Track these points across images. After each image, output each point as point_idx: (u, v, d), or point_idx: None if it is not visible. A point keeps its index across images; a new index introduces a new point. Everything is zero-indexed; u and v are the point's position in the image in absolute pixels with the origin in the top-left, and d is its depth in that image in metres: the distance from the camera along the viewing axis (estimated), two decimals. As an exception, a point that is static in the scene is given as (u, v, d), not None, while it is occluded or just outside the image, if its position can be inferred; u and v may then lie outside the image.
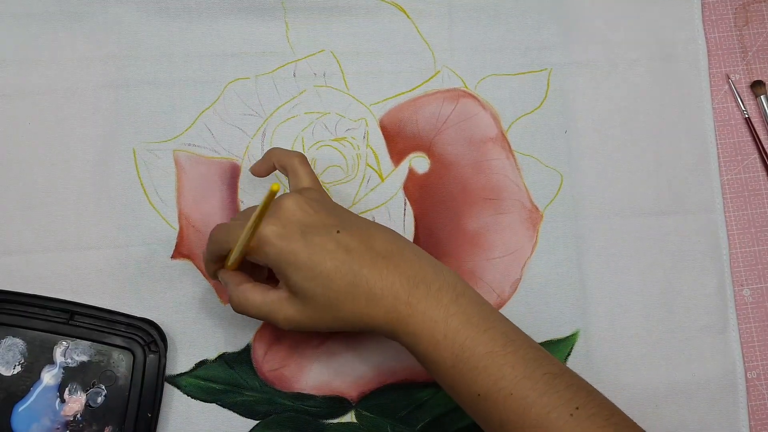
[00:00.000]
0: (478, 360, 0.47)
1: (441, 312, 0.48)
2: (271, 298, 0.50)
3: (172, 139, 0.60)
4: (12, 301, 0.55)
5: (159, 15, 0.61)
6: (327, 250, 0.48)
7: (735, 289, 0.61)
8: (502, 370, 0.47)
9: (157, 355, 0.55)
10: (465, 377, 0.47)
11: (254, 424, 0.57)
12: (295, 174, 0.54)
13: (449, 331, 0.47)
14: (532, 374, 0.47)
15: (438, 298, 0.48)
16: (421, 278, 0.49)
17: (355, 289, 0.48)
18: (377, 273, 0.48)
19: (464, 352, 0.47)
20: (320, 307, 0.49)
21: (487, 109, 0.62)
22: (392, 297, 0.48)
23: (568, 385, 0.47)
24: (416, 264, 0.49)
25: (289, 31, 0.62)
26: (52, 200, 0.58)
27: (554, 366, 0.48)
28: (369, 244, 0.49)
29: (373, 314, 0.48)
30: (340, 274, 0.48)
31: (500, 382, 0.46)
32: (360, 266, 0.48)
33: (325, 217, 0.50)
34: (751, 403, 0.60)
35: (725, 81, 0.64)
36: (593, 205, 0.61)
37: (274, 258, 0.49)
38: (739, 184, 0.63)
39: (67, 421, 0.55)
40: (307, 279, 0.48)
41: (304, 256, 0.48)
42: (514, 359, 0.47)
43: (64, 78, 0.60)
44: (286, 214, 0.49)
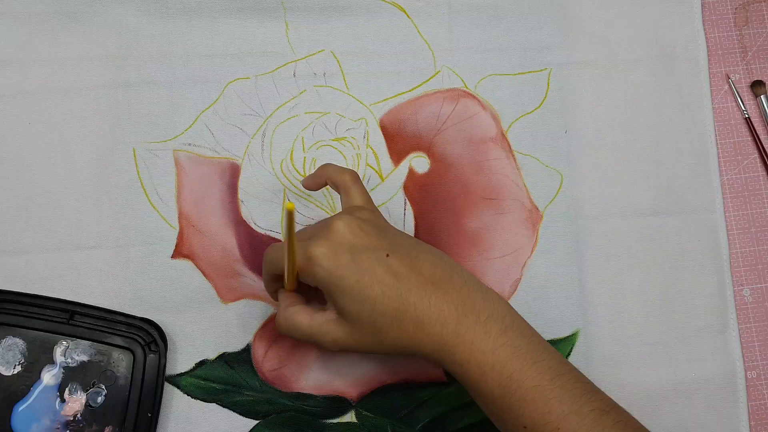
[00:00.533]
0: (525, 392, 0.46)
1: (489, 343, 0.47)
2: (318, 321, 0.50)
3: (172, 139, 0.60)
4: (12, 301, 0.55)
5: (159, 15, 0.61)
6: (375, 274, 0.48)
7: (735, 289, 0.61)
8: (549, 404, 0.46)
9: (157, 355, 0.55)
10: (512, 409, 0.47)
11: (254, 424, 0.57)
12: (347, 192, 0.53)
13: (497, 363, 0.47)
14: (579, 410, 0.46)
15: (486, 329, 0.48)
16: (470, 307, 0.48)
17: (402, 315, 0.48)
18: (425, 300, 0.48)
19: (512, 383, 0.47)
20: (366, 331, 0.48)
21: (487, 109, 0.62)
22: (440, 325, 0.48)
23: (615, 422, 0.46)
24: (465, 291, 0.49)
25: (289, 31, 0.62)
26: (52, 200, 0.58)
27: (602, 402, 0.48)
28: (418, 269, 0.49)
29: (420, 341, 0.48)
30: (388, 299, 0.48)
31: (547, 416, 0.46)
32: (408, 292, 0.48)
33: (375, 239, 0.49)
34: (751, 403, 0.60)
35: (725, 81, 0.64)
36: (593, 205, 0.61)
37: (322, 279, 0.48)
38: (739, 184, 0.63)
39: (67, 420, 0.55)
40: (354, 302, 0.48)
41: (352, 280, 0.48)
42: (562, 393, 0.47)
43: (64, 78, 0.60)
44: (336, 236, 0.49)
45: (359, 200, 0.53)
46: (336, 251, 0.48)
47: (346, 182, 0.53)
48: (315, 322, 0.50)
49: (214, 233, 0.59)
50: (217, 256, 0.59)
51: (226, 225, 0.59)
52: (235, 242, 0.59)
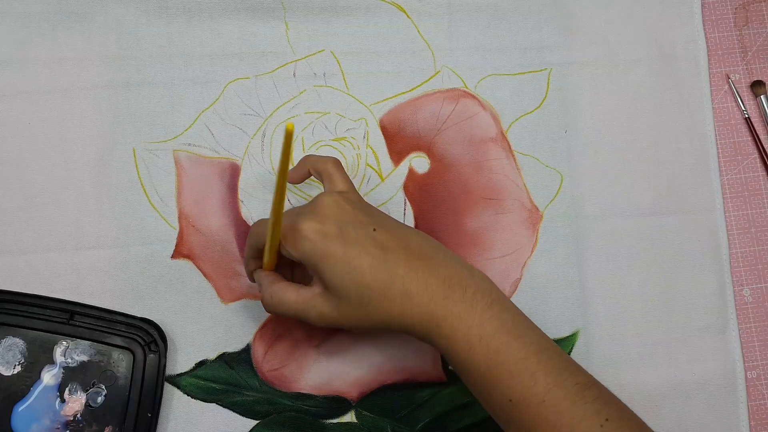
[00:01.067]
0: (512, 365, 0.47)
1: (476, 317, 0.48)
2: (304, 296, 0.50)
3: (172, 139, 0.60)
4: (12, 301, 0.55)
5: (159, 15, 0.61)
6: (363, 246, 0.48)
7: (735, 289, 0.61)
8: (534, 377, 0.46)
9: (157, 355, 0.55)
10: (498, 382, 0.47)
11: (254, 424, 0.57)
12: (330, 179, 0.53)
13: (484, 336, 0.47)
14: (563, 383, 0.47)
15: (473, 302, 0.48)
16: (457, 281, 0.48)
17: (389, 288, 0.48)
18: (413, 273, 0.48)
19: (498, 356, 0.47)
20: (354, 304, 0.48)
21: (487, 109, 0.62)
22: (427, 298, 0.48)
23: (597, 396, 0.47)
24: (451, 266, 0.49)
25: (289, 31, 0.62)
26: (52, 200, 0.58)
27: (584, 376, 0.48)
28: (405, 243, 0.49)
29: (407, 314, 0.48)
30: (376, 271, 0.48)
31: (533, 389, 0.46)
32: (395, 265, 0.48)
33: (362, 215, 0.50)
34: (751, 403, 0.60)
35: (725, 81, 0.64)
36: (593, 205, 0.61)
37: (309, 253, 0.48)
38: (739, 184, 0.63)
39: (67, 421, 0.55)
40: (341, 275, 0.48)
41: (340, 253, 0.48)
42: (546, 367, 0.47)
43: (64, 78, 0.60)
44: (324, 210, 0.49)
45: (342, 186, 0.53)
46: (323, 224, 0.49)
47: (329, 169, 0.54)
48: (301, 298, 0.50)
49: (214, 233, 0.59)
50: (217, 256, 0.59)
51: (226, 225, 0.59)
52: (235, 242, 0.59)
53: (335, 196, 0.50)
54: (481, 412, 0.57)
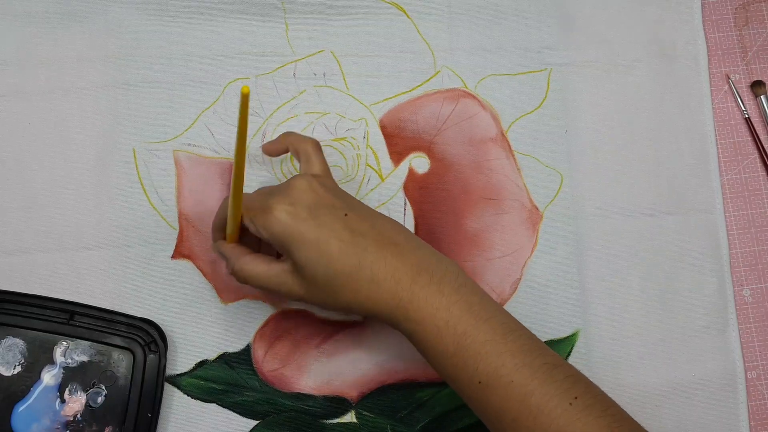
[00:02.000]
0: (480, 347, 0.47)
1: (443, 300, 0.48)
2: (275, 270, 0.50)
3: (172, 139, 0.60)
4: (12, 301, 0.55)
5: (159, 15, 0.61)
6: (333, 230, 0.49)
7: (735, 289, 0.61)
8: (502, 358, 0.47)
9: (157, 355, 0.55)
10: (466, 365, 0.47)
11: (254, 424, 0.57)
12: (308, 160, 0.54)
13: (451, 318, 0.48)
14: (531, 363, 0.47)
15: (440, 287, 0.48)
16: (425, 267, 0.49)
17: (358, 272, 0.48)
18: (381, 258, 0.49)
19: (466, 339, 0.47)
20: (322, 286, 0.49)
21: (487, 109, 0.62)
22: (394, 282, 0.48)
23: (566, 375, 0.47)
24: (419, 253, 0.50)
25: (289, 31, 0.62)
26: (52, 200, 0.58)
27: (553, 357, 0.48)
28: (376, 229, 0.50)
29: (375, 298, 0.49)
30: (345, 255, 0.48)
31: (501, 370, 0.47)
32: (364, 250, 0.49)
33: (334, 199, 0.50)
34: (751, 403, 0.60)
35: (725, 81, 0.64)
36: (593, 205, 0.61)
37: (280, 234, 0.49)
38: (739, 184, 0.63)
39: (67, 421, 0.55)
40: (311, 258, 0.48)
41: (310, 235, 0.48)
42: (515, 348, 0.47)
43: (64, 78, 0.60)
44: (296, 193, 0.50)
45: (318, 169, 0.53)
46: (295, 206, 0.49)
47: (307, 150, 0.54)
48: (272, 272, 0.50)
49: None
50: (217, 256, 0.59)
51: (226, 225, 0.59)
52: (235, 242, 0.59)
53: (309, 178, 0.51)
54: (481, 412, 0.57)
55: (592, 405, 0.46)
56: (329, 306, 0.50)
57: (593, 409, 0.46)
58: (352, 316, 0.58)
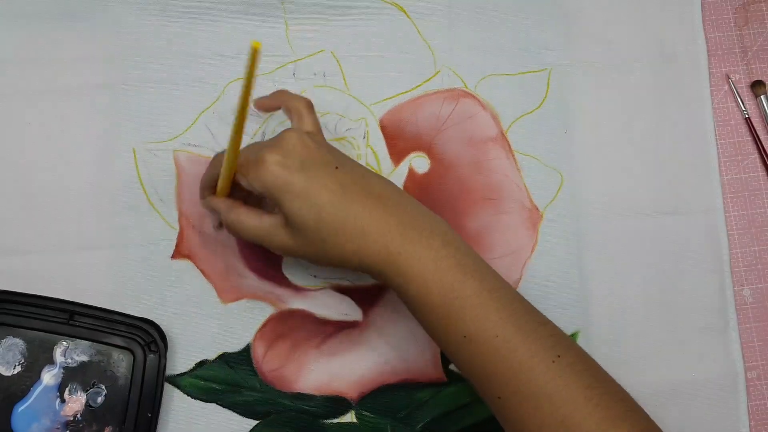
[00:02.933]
0: (466, 300, 0.48)
1: (432, 254, 0.48)
2: (267, 222, 0.51)
3: (172, 139, 0.60)
4: (12, 301, 0.55)
5: (159, 15, 0.61)
6: (323, 183, 0.49)
7: (735, 289, 0.61)
8: (488, 312, 0.47)
9: (157, 355, 0.55)
10: (452, 318, 0.48)
11: (254, 424, 0.57)
12: (300, 118, 0.54)
13: (438, 272, 0.48)
14: (518, 319, 0.48)
15: (429, 242, 0.49)
16: (413, 221, 0.50)
17: (346, 224, 0.49)
18: (371, 211, 0.49)
19: (453, 292, 0.48)
20: (312, 239, 0.49)
21: (487, 109, 0.62)
22: (382, 236, 0.49)
23: (550, 334, 0.48)
24: (409, 208, 0.50)
25: (289, 31, 0.62)
26: (52, 200, 0.58)
27: (538, 315, 0.49)
28: (366, 184, 0.50)
29: (363, 252, 0.49)
30: (334, 208, 0.49)
31: (486, 323, 0.47)
32: (353, 202, 0.49)
33: (325, 153, 0.51)
34: (751, 403, 0.60)
35: (725, 81, 0.64)
36: (593, 205, 0.61)
37: (271, 184, 0.49)
38: (739, 184, 0.63)
39: (67, 421, 0.55)
40: (300, 209, 0.49)
41: (300, 187, 0.49)
42: (501, 304, 0.48)
43: (64, 78, 0.60)
44: (287, 145, 0.50)
45: (309, 127, 0.54)
46: (286, 158, 0.49)
47: (300, 108, 0.54)
48: (264, 225, 0.51)
49: (214, 233, 0.59)
50: (217, 256, 0.59)
51: (226, 225, 0.59)
52: (235, 242, 0.59)
53: (300, 132, 0.51)
54: (482, 412, 0.57)
55: (573, 364, 0.47)
56: (320, 260, 0.51)
57: (575, 368, 0.47)
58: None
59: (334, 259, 0.50)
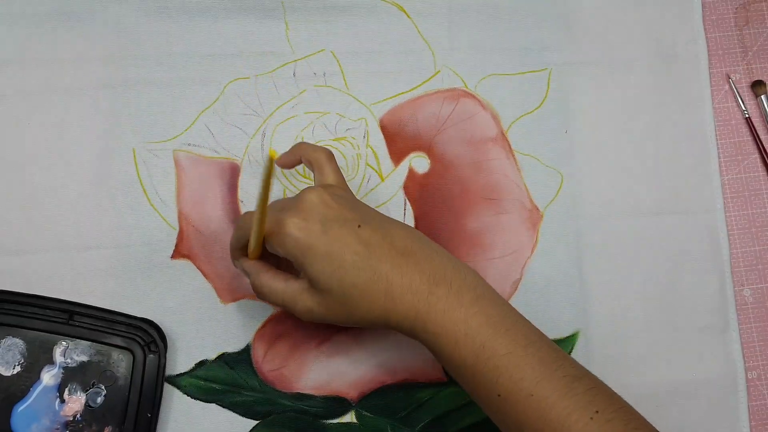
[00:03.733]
0: (499, 360, 0.46)
1: (461, 312, 0.47)
2: (292, 287, 0.50)
3: (172, 139, 0.60)
4: (12, 301, 0.55)
5: (159, 15, 0.61)
6: (346, 243, 0.48)
7: (735, 289, 0.61)
8: (522, 371, 0.46)
9: (156, 355, 0.55)
10: (485, 377, 0.47)
11: (254, 424, 0.57)
12: (321, 170, 0.53)
13: (470, 331, 0.47)
14: (552, 375, 0.46)
15: (458, 298, 0.48)
16: (441, 276, 0.48)
17: (373, 285, 0.48)
18: (397, 269, 0.48)
19: (485, 351, 0.47)
20: (338, 301, 0.48)
21: (487, 108, 0.62)
22: (411, 294, 0.48)
23: (588, 388, 0.47)
24: (436, 261, 0.49)
25: (289, 30, 0.62)
26: (52, 200, 0.58)
27: (574, 368, 0.48)
28: (389, 240, 0.49)
29: (392, 311, 0.48)
30: (359, 269, 0.48)
31: (520, 383, 0.46)
32: (379, 261, 0.48)
33: (346, 211, 0.50)
34: (751, 403, 0.60)
35: (725, 81, 0.64)
36: (593, 205, 0.61)
37: (292, 249, 0.48)
38: (740, 184, 0.63)
39: (66, 421, 0.55)
40: (325, 272, 0.48)
41: (323, 249, 0.48)
42: (534, 360, 0.47)
43: (64, 78, 0.60)
44: (308, 206, 0.49)
45: (332, 179, 0.53)
46: (307, 221, 0.48)
47: (320, 160, 0.54)
48: (290, 290, 0.50)
49: (214, 233, 0.59)
50: (217, 256, 0.59)
51: (226, 225, 0.59)
52: (235, 242, 0.59)
53: (320, 191, 0.50)
54: (482, 412, 0.57)
55: (613, 419, 0.45)
56: (347, 321, 0.50)
57: (615, 423, 0.45)
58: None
59: (361, 321, 0.49)
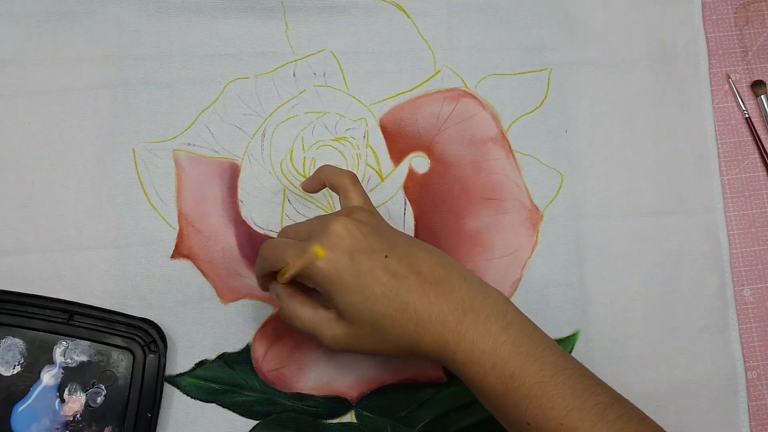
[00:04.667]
0: (528, 389, 0.46)
1: (490, 341, 0.47)
2: (320, 317, 0.50)
3: (171, 139, 0.60)
4: (12, 301, 0.55)
5: (159, 15, 0.61)
6: (375, 275, 0.48)
7: (735, 289, 0.61)
8: (552, 401, 0.46)
9: (156, 355, 0.55)
10: (515, 406, 0.47)
11: (254, 424, 0.57)
12: (346, 194, 0.53)
13: (498, 360, 0.47)
14: (582, 404, 0.46)
15: (487, 327, 0.48)
16: (470, 305, 0.48)
17: (402, 315, 0.48)
18: (425, 299, 0.48)
19: (514, 381, 0.47)
20: (367, 331, 0.48)
21: (487, 108, 0.62)
22: (440, 324, 0.48)
23: (619, 415, 0.46)
24: (464, 289, 0.49)
25: (289, 30, 0.62)
26: (52, 200, 0.58)
27: (606, 395, 0.47)
28: (417, 269, 0.49)
29: (420, 341, 0.48)
30: (388, 300, 0.48)
31: (550, 413, 0.46)
32: (408, 292, 0.48)
33: (373, 241, 0.49)
34: (751, 403, 0.60)
35: (725, 81, 0.64)
36: (593, 205, 0.61)
37: (321, 282, 0.48)
38: (740, 184, 0.63)
39: (66, 421, 0.55)
40: (354, 303, 0.48)
41: (352, 282, 0.48)
42: (564, 389, 0.46)
43: (64, 78, 0.60)
44: (334, 239, 0.49)
45: (357, 201, 0.53)
46: (334, 253, 0.48)
47: (345, 184, 0.53)
48: (317, 318, 0.50)
49: (214, 233, 0.59)
50: (217, 256, 0.59)
51: (226, 225, 0.59)
52: (235, 242, 0.59)
53: (345, 222, 0.49)
54: (482, 412, 0.57)
55: None
56: (375, 350, 0.49)
57: None
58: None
59: (390, 350, 0.49)
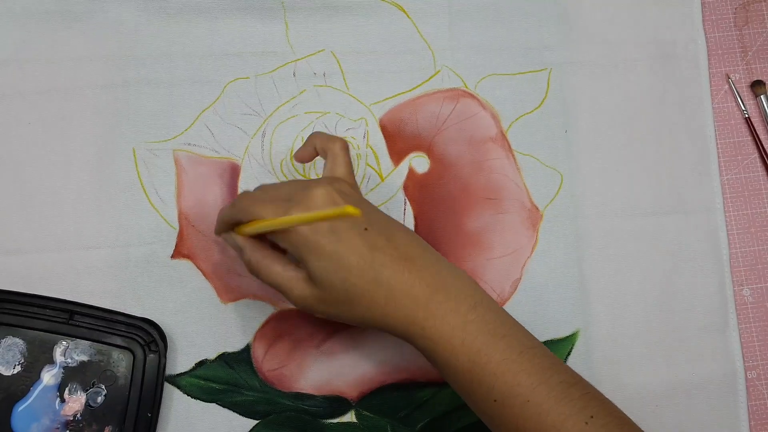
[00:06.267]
0: (495, 366, 0.47)
1: (459, 318, 0.48)
2: (289, 274, 0.50)
3: (172, 139, 0.60)
4: (12, 301, 0.55)
5: (159, 15, 0.61)
6: (353, 245, 0.48)
7: (735, 288, 0.61)
8: (518, 377, 0.47)
9: (157, 355, 0.55)
10: (482, 383, 0.47)
11: (254, 424, 0.57)
12: (334, 160, 0.53)
13: (466, 337, 0.47)
14: (547, 381, 0.47)
15: (456, 305, 0.48)
16: (441, 284, 0.49)
17: (375, 288, 0.48)
18: (399, 274, 0.48)
19: (481, 357, 0.47)
20: (335, 298, 0.49)
21: (487, 108, 0.62)
22: (411, 300, 0.48)
23: (582, 394, 0.47)
24: (436, 268, 0.49)
25: (289, 30, 0.62)
26: (51, 200, 0.58)
27: (568, 375, 0.48)
28: (394, 244, 0.49)
29: (390, 315, 0.48)
30: (362, 271, 0.48)
31: (516, 389, 0.47)
32: (382, 266, 0.48)
33: None
34: (751, 403, 0.60)
35: (725, 81, 0.64)
36: (593, 205, 0.61)
37: (296, 244, 0.48)
38: (739, 184, 0.63)
39: (66, 420, 0.55)
40: (328, 270, 0.48)
41: (329, 249, 0.48)
42: (530, 366, 0.47)
43: (64, 78, 0.60)
44: (315, 203, 0.49)
45: (342, 170, 0.53)
46: None
47: (335, 150, 0.53)
48: (286, 275, 0.50)
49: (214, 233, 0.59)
50: (217, 256, 0.59)
51: (226, 225, 0.59)
52: (235, 242, 0.59)
53: (328, 189, 0.49)
54: (481, 412, 0.57)
55: (608, 423, 0.46)
56: (340, 317, 0.50)
57: (610, 427, 0.46)
58: None
59: (355, 320, 0.50)
